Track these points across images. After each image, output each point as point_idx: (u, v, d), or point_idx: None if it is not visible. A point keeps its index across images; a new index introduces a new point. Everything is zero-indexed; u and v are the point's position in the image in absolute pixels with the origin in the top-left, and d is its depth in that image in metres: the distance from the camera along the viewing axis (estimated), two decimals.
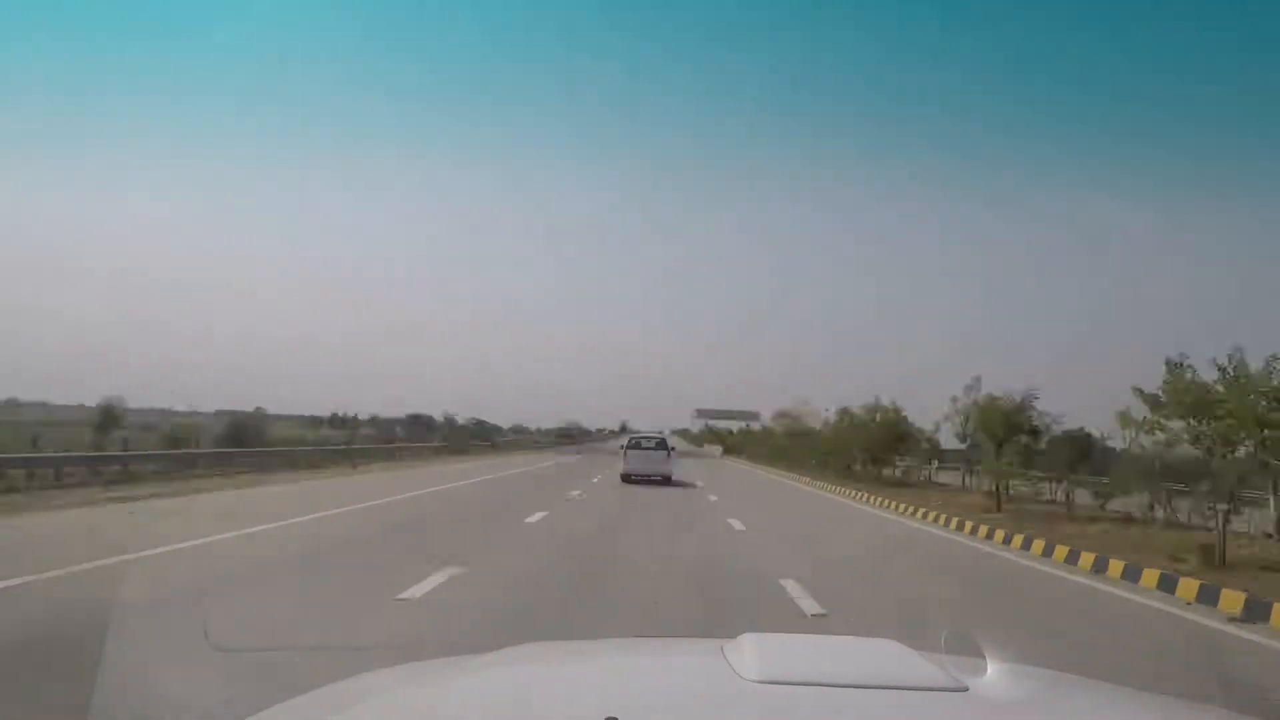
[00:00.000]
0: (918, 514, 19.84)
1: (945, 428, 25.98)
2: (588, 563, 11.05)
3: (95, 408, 29.33)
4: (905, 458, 34.60)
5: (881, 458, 32.97)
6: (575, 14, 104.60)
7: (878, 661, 1.56)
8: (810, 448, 39.52)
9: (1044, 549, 13.61)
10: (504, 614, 7.74)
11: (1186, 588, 9.98)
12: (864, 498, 25.07)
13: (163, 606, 7.42)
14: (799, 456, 41.44)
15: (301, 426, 63.15)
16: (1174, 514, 17.18)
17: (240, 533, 12.69)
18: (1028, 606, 10.08)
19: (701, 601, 8.65)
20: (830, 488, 29.90)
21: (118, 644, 5.19)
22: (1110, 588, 10.80)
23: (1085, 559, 12.31)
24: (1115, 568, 11.50)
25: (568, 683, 1.69)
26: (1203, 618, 8.97)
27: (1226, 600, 9.32)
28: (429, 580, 8.75)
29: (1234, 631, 8.44)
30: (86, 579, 8.60)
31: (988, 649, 1.61)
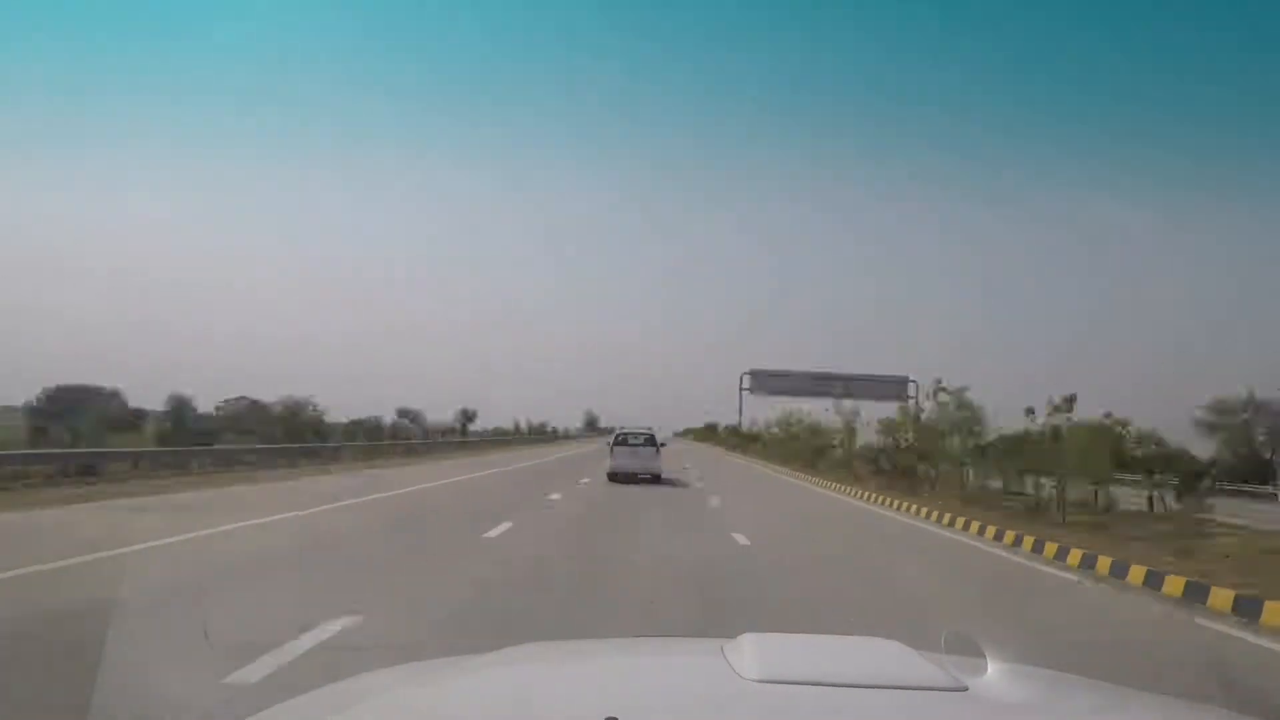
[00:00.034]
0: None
1: None
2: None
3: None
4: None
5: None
6: (575, 14, 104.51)
7: (878, 661, 1.58)
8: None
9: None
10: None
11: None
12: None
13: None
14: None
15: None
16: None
17: None
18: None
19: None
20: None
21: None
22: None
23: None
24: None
25: (568, 683, 1.68)
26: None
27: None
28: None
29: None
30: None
31: (988, 649, 1.61)
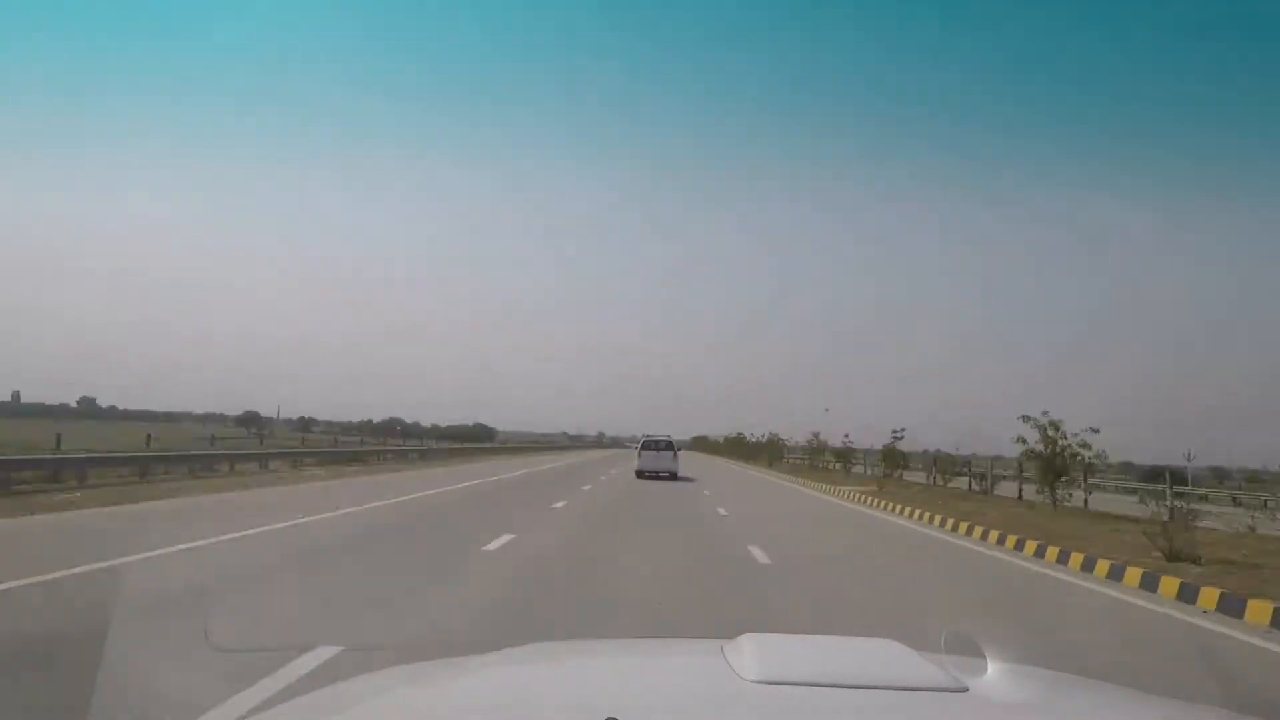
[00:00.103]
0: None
1: None
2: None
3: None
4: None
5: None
6: (575, 15, 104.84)
7: (878, 661, 1.58)
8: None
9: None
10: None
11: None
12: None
13: None
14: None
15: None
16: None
17: None
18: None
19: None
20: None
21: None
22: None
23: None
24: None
25: (568, 683, 1.67)
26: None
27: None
28: None
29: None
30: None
31: (988, 649, 1.61)
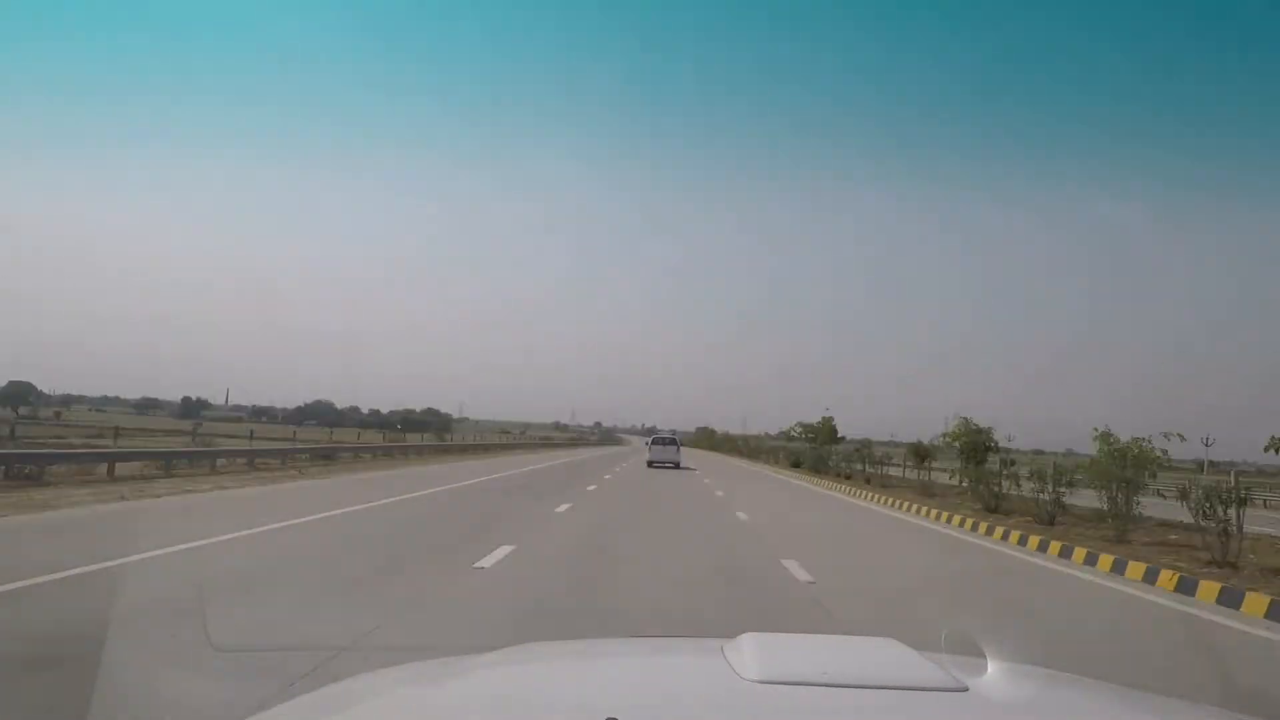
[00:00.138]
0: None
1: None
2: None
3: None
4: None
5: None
6: (577, 14, 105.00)
7: (878, 661, 1.58)
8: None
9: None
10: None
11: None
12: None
13: None
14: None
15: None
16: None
17: None
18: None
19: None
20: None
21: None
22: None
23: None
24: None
25: (568, 683, 1.67)
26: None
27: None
28: None
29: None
30: None
31: (988, 649, 1.61)
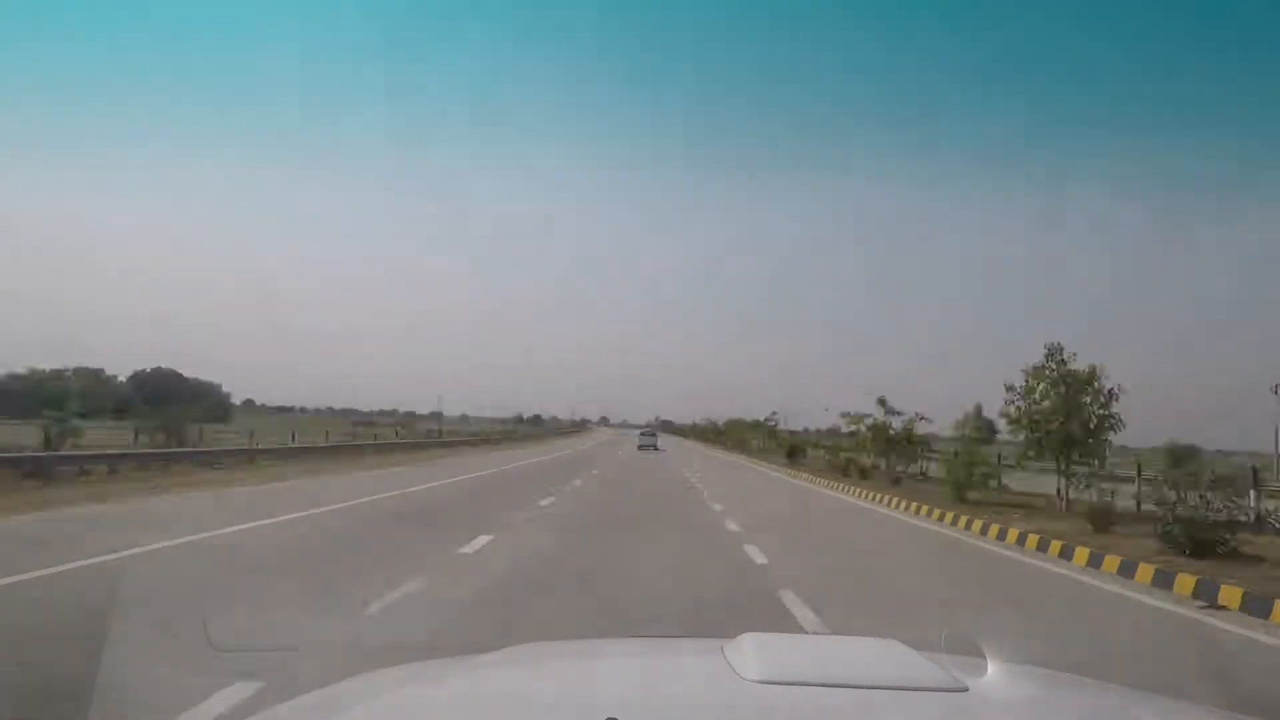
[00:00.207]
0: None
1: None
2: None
3: None
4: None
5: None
6: (574, 11, 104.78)
7: (878, 661, 1.58)
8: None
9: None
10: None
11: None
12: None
13: None
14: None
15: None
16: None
17: None
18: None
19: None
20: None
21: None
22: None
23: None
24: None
25: (568, 683, 1.67)
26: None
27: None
28: None
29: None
30: None
31: (988, 649, 1.61)
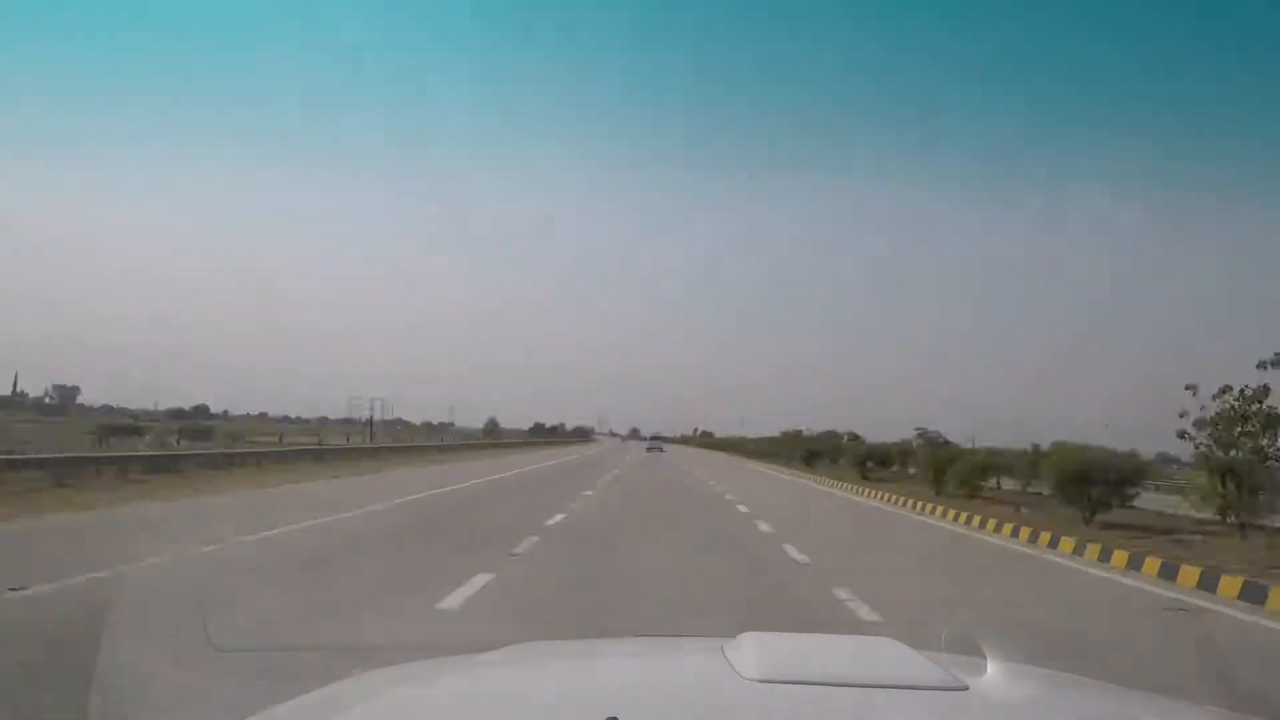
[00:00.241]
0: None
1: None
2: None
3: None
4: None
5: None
6: (577, 9, 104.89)
7: (877, 661, 1.58)
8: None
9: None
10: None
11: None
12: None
13: None
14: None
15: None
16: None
17: None
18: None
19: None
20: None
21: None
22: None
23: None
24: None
25: (568, 683, 1.67)
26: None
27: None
28: None
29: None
30: None
31: (988, 648, 1.61)
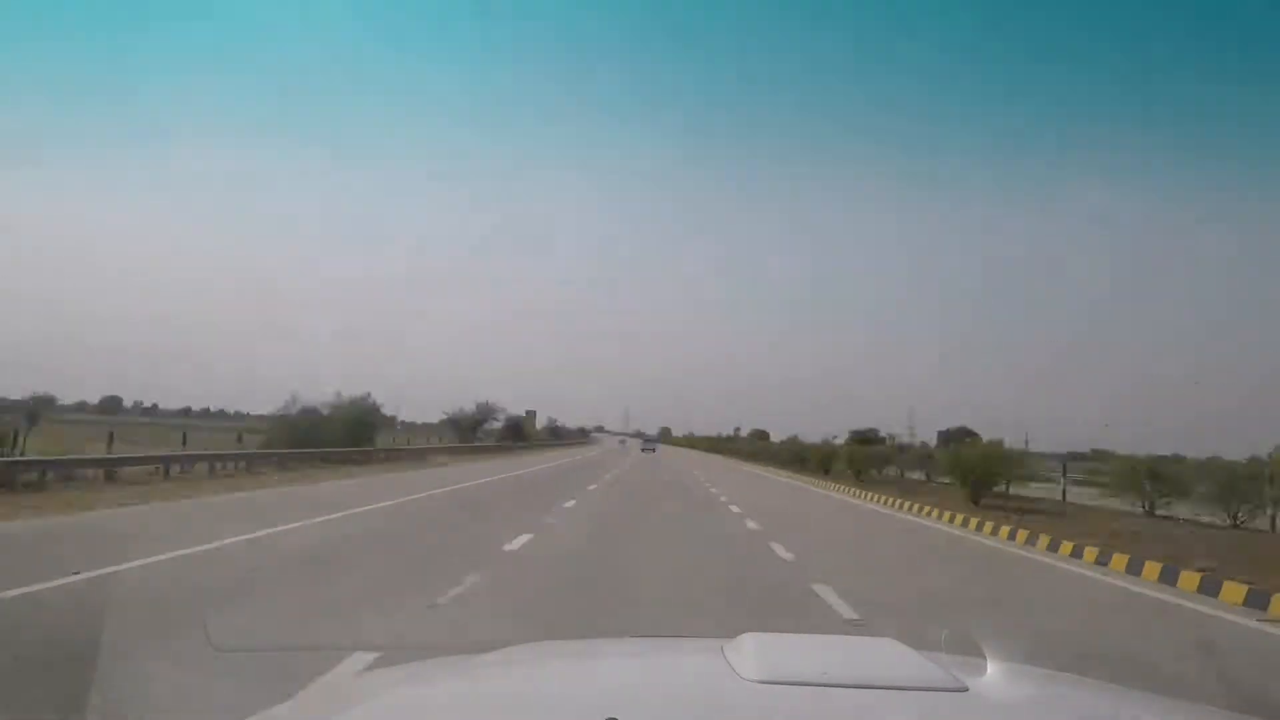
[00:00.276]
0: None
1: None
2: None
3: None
4: None
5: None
6: (596, 7, 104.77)
7: (877, 661, 1.58)
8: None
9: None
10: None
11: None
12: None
13: None
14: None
15: None
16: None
17: None
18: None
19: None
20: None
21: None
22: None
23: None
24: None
25: (568, 683, 1.67)
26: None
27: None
28: None
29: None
30: None
31: (988, 649, 1.61)
